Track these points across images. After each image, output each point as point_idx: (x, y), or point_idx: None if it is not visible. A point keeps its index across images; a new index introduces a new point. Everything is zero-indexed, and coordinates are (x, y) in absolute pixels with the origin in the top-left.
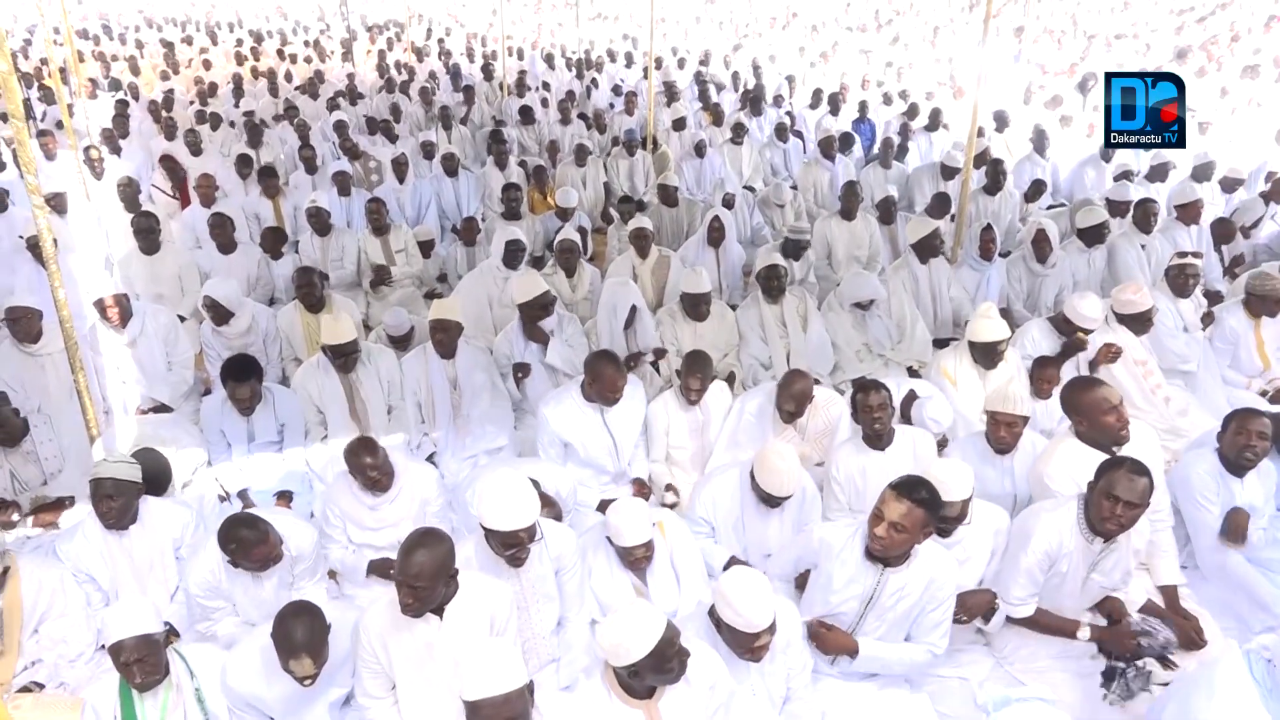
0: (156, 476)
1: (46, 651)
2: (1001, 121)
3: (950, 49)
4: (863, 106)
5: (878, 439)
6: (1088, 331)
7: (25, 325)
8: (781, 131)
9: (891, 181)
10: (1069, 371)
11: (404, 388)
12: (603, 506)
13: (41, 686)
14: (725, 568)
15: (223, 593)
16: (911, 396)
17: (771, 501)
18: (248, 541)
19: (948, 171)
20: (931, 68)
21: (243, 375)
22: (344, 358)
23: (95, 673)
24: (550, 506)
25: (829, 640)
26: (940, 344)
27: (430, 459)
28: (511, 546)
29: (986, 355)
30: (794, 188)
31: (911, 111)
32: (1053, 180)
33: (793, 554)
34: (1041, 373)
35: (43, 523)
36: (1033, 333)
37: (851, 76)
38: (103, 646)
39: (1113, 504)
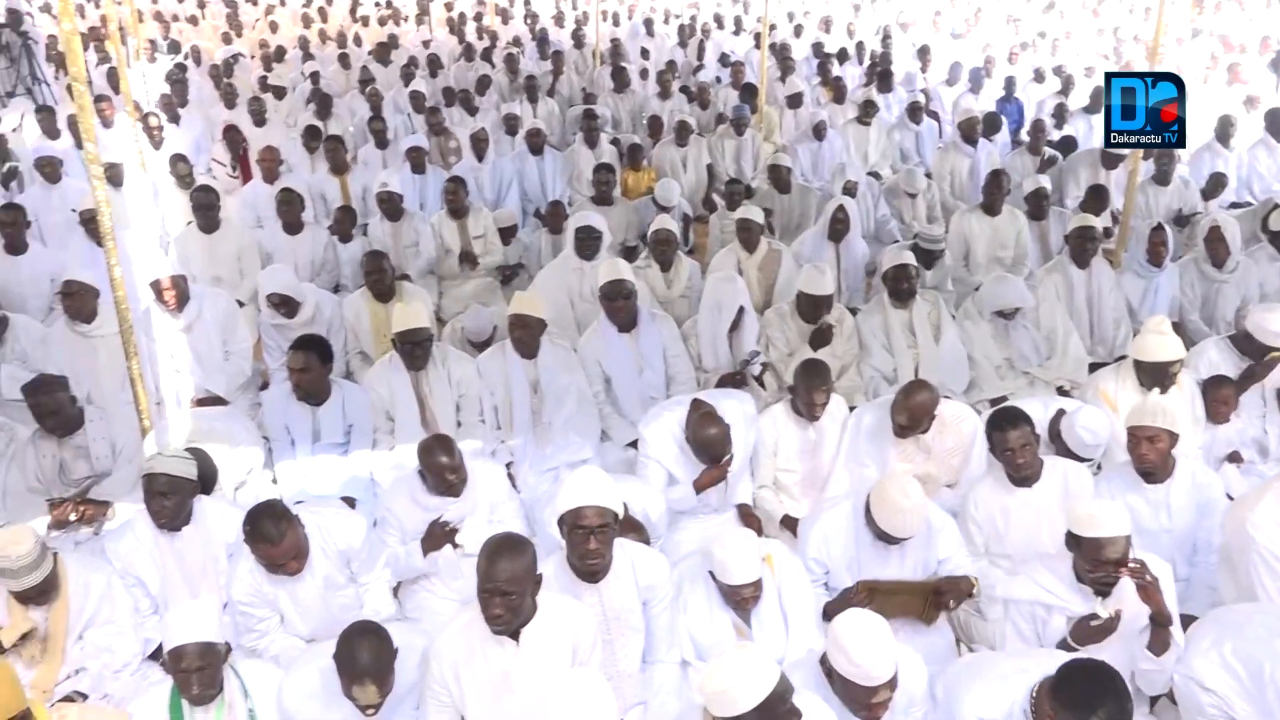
0: (201, 476)
1: (91, 660)
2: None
3: (1115, 18)
4: (1010, 83)
5: (1024, 479)
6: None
7: (80, 302)
8: (915, 111)
9: (1043, 171)
10: (1252, 403)
11: (480, 391)
12: None
13: (84, 696)
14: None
15: (267, 599)
16: (1060, 416)
17: (890, 539)
18: (262, 534)
19: (1109, 160)
20: (1093, 39)
21: (304, 345)
22: (413, 347)
23: (141, 685)
24: (637, 531)
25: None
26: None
27: (506, 470)
28: (580, 531)
29: (1155, 377)
30: (927, 175)
31: (1067, 89)
32: (1236, 175)
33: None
34: (1217, 393)
35: (85, 516)
36: (1210, 354)
37: (998, 48)
38: (150, 657)
39: None
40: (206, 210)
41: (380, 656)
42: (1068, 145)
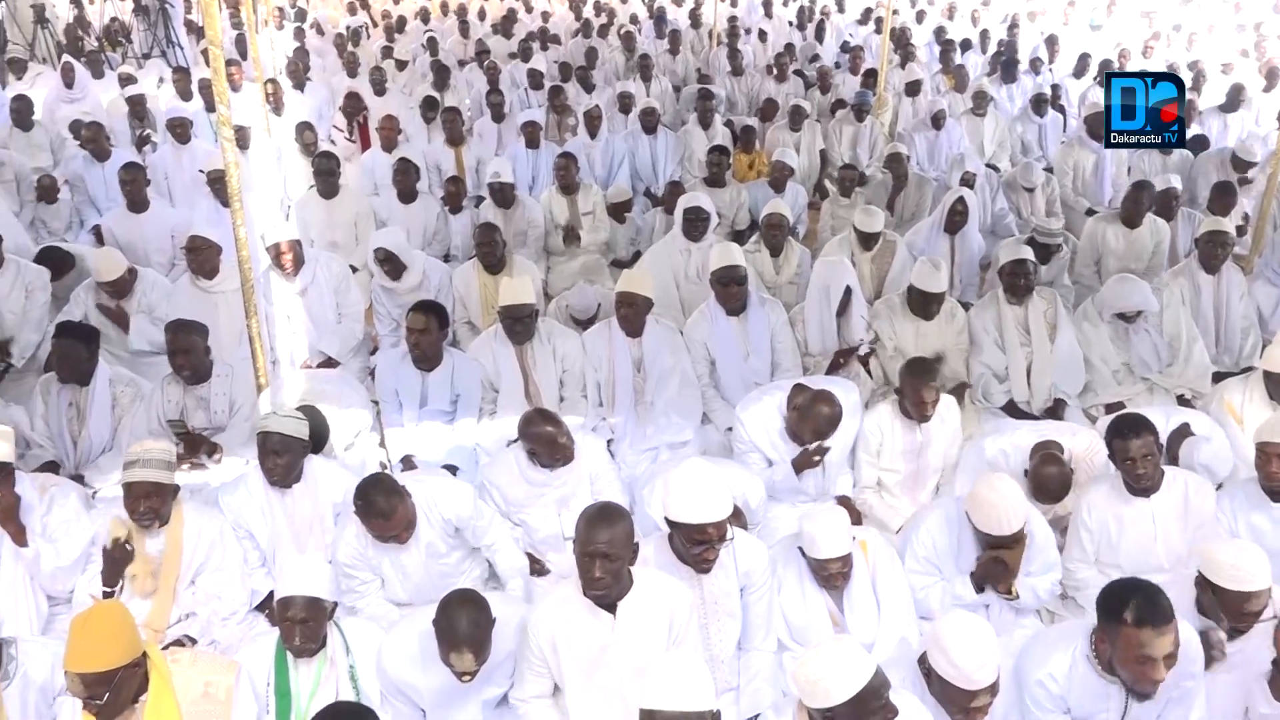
0: (313, 434)
1: (201, 606)
2: None
3: (1258, 12)
4: None
5: (1142, 489)
6: None
7: (204, 258)
8: (1040, 104)
9: (1172, 169)
10: None
11: (584, 368)
12: None
13: (194, 641)
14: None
15: (370, 563)
16: (1184, 432)
17: (995, 544)
18: (371, 507)
19: (1240, 164)
20: (1233, 35)
21: (424, 307)
22: (517, 322)
23: (246, 634)
24: (736, 516)
25: None
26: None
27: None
28: (699, 544)
29: None
30: (1048, 170)
31: (1199, 85)
32: None
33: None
34: None
35: (203, 449)
36: None
37: (1131, 41)
38: (256, 607)
39: None
40: (327, 176)
41: (479, 625)
42: (1198, 144)
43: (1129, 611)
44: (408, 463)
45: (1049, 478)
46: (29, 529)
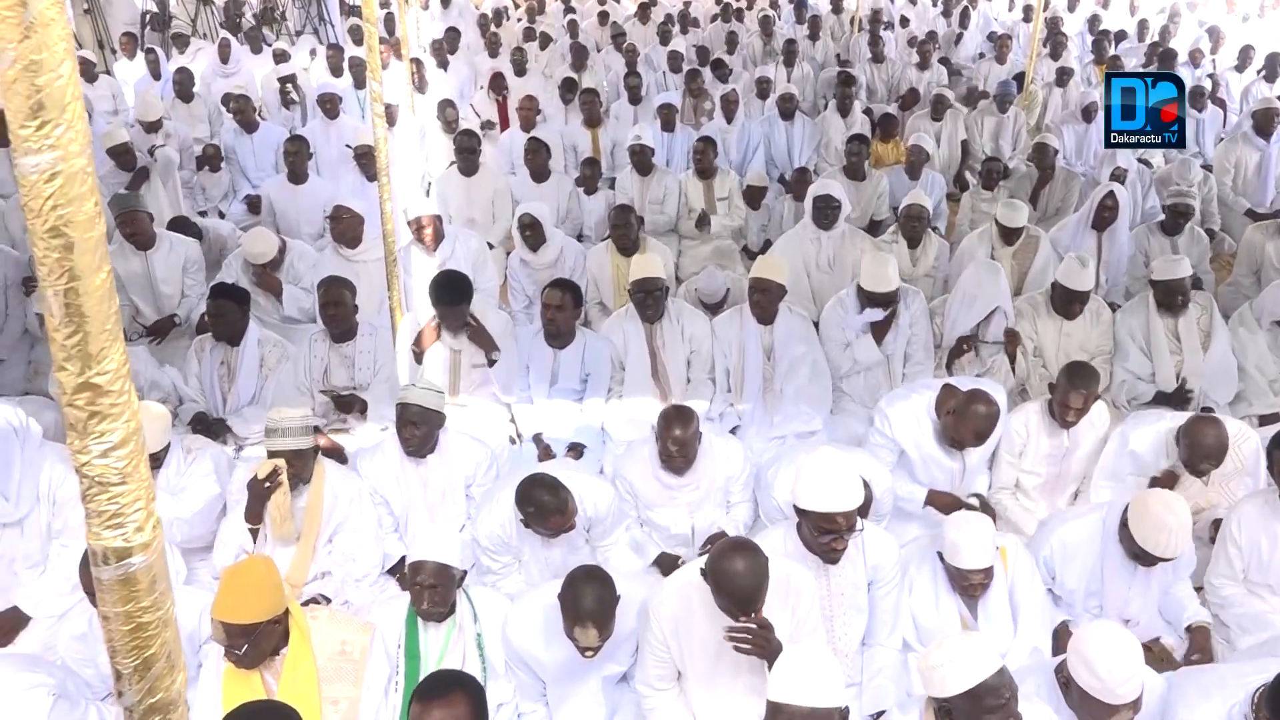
0: (460, 286)
1: (337, 565)
2: None
3: None
4: None
5: None
6: None
7: (347, 227)
8: (1198, 97)
9: None
10: None
11: (713, 352)
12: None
13: (328, 600)
14: None
15: (511, 549)
16: None
17: (1145, 559)
18: (546, 508)
19: None
20: None
21: (561, 284)
22: (648, 296)
23: (378, 596)
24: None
25: None
26: None
27: (732, 433)
28: (828, 534)
29: None
30: (1206, 167)
31: None
32: None
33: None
34: None
35: (352, 410)
36: None
37: None
38: (388, 571)
39: None
40: (468, 154)
41: (603, 602)
42: None
43: None
44: (539, 441)
45: (1204, 433)
46: (160, 479)
